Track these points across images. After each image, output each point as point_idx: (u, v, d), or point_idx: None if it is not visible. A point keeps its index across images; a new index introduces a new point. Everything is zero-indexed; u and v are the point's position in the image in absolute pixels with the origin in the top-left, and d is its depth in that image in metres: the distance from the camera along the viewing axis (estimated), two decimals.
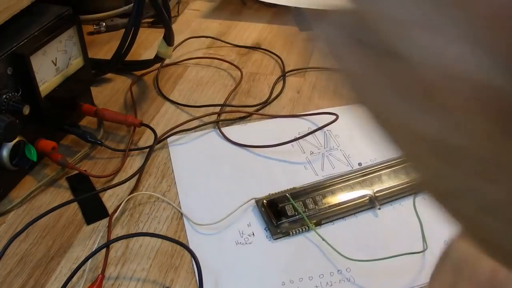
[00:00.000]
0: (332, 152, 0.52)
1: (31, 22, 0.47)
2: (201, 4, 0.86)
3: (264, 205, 0.44)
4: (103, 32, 0.75)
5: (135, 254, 0.41)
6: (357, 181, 0.46)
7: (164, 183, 0.48)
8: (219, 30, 0.77)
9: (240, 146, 0.52)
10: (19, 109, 0.43)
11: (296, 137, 0.52)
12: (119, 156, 0.51)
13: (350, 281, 0.39)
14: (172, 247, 0.42)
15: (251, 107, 0.59)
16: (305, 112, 0.57)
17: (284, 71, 0.66)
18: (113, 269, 0.40)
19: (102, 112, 0.53)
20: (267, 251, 0.41)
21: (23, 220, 0.44)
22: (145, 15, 0.78)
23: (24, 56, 0.44)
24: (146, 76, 0.65)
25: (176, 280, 0.39)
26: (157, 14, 0.56)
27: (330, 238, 0.42)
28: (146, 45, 0.72)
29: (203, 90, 0.62)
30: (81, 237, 0.43)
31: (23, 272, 0.40)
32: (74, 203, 0.46)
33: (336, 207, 0.44)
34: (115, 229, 0.43)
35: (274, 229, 0.42)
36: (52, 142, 0.48)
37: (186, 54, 0.70)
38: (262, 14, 0.82)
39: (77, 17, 0.50)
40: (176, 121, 0.56)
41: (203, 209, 0.44)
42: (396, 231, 0.43)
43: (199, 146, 0.53)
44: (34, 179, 0.49)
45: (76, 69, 0.51)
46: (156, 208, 0.46)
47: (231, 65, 0.67)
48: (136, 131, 0.54)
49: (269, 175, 0.49)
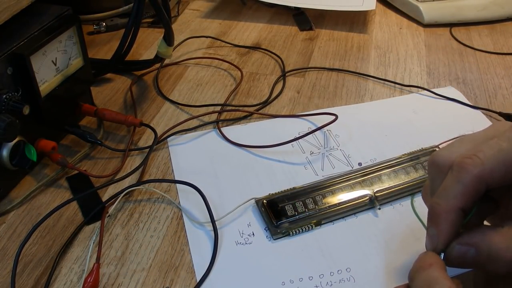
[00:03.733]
0: (332, 152, 0.52)
1: (31, 22, 0.47)
2: (201, 4, 0.86)
3: (264, 205, 0.44)
4: (103, 32, 0.75)
5: (135, 254, 0.41)
6: (357, 181, 0.46)
7: (164, 183, 0.48)
8: (219, 30, 0.77)
9: (240, 146, 0.52)
10: (19, 109, 0.43)
11: (296, 137, 0.52)
12: (119, 156, 0.51)
13: (350, 281, 0.39)
14: (172, 247, 0.42)
15: (251, 107, 0.59)
16: (305, 112, 0.57)
17: (284, 71, 0.66)
18: (113, 269, 0.40)
19: (102, 112, 0.53)
20: (267, 251, 0.41)
21: (23, 220, 0.44)
22: (145, 15, 0.78)
23: (24, 56, 0.44)
24: (146, 76, 0.65)
25: (176, 280, 0.39)
26: (157, 14, 0.56)
27: (330, 238, 0.42)
28: (146, 45, 0.72)
29: (203, 90, 0.62)
30: (81, 237, 0.43)
31: (23, 272, 0.40)
32: (74, 203, 0.46)
33: (336, 207, 0.44)
34: (115, 229, 0.43)
35: (274, 229, 0.42)
36: (52, 142, 0.48)
37: (186, 54, 0.70)
38: (262, 14, 0.82)
39: (77, 17, 0.50)
40: (176, 121, 0.56)
41: (203, 209, 0.44)
42: (396, 231, 0.43)
43: (199, 146, 0.53)
44: (34, 179, 0.49)
45: (76, 69, 0.51)
46: (156, 208, 0.46)
47: (231, 65, 0.67)
48: (136, 131, 0.54)
49: (269, 175, 0.49)
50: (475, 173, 0.29)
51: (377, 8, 0.84)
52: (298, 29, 0.78)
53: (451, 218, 0.30)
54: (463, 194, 0.30)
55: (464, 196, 0.30)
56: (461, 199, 0.30)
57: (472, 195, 0.30)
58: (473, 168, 0.29)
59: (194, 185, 0.46)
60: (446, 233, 0.30)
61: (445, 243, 0.31)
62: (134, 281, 0.39)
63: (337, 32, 0.77)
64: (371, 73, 0.66)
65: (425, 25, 0.78)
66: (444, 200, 0.30)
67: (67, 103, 0.52)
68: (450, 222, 0.30)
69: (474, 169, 0.29)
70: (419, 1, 0.79)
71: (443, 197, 0.30)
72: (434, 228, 0.31)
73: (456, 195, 0.30)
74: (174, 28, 0.60)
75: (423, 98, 0.61)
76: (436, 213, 0.31)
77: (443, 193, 0.31)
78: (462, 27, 0.78)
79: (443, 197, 0.30)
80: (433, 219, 0.31)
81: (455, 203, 0.30)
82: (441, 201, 0.30)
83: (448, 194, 0.30)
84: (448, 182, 0.30)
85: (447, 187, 0.30)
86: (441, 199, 0.31)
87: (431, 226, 0.31)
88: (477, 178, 0.29)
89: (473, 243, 0.30)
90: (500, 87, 0.63)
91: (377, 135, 0.54)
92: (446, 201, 0.30)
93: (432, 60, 0.69)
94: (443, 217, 0.30)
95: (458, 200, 0.30)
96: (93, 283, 0.38)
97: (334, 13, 0.81)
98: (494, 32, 0.77)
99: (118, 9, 0.77)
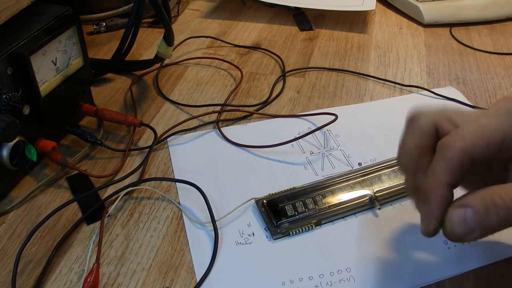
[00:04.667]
0: (332, 152, 0.52)
1: (31, 22, 0.47)
2: (201, 4, 0.86)
3: (264, 205, 0.44)
4: (103, 32, 0.75)
5: (135, 254, 0.41)
6: (357, 181, 0.46)
7: (164, 183, 0.48)
8: (219, 30, 0.77)
9: (240, 146, 0.52)
10: (19, 109, 0.43)
11: (296, 137, 0.52)
12: (119, 156, 0.52)
13: (350, 281, 0.39)
14: (172, 247, 0.42)
15: (251, 107, 0.59)
16: (305, 112, 0.58)
17: (284, 71, 0.66)
18: (113, 269, 0.40)
19: (102, 112, 0.53)
20: (267, 251, 0.41)
21: (23, 220, 0.44)
22: (145, 15, 0.78)
23: (24, 56, 0.44)
24: (146, 76, 0.65)
25: (176, 280, 0.39)
26: (157, 14, 0.56)
27: (330, 238, 0.42)
28: (146, 45, 0.73)
29: (203, 90, 0.62)
30: (81, 237, 0.43)
31: (23, 272, 0.40)
32: (74, 203, 0.46)
33: (336, 207, 0.44)
34: (115, 229, 0.43)
35: (274, 229, 0.42)
36: (52, 142, 0.48)
37: (186, 54, 0.70)
38: (262, 14, 0.82)
39: (77, 17, 0.50)
40: (176, 121, 0.56)
41: (203, 209, 0.44)
42: (396, 231, 0.43)
43: (199, 146, 0.53)
44: (34, 179, 0.49)
45: (76, 69, 0.51)
46: (156, 208, 0.46)
47: (231, 65, 0.67)
48: (136, 131, 0.54)
49: (269, 175, 0.49)
50: (458, 146, 0.31)
51: (377, 8, 0.84)
52: (298, 29, 0.78)
53: (440, 193, 0.31)
54: (449, 168, 0.31)
55: (450, 170, 0.31)
56: (448, 174, 0.31)
57: (458, 168, 0.31)
58: (455, 143, 0.31)
59: (194, 184, 0.46)
60: (438, 207, 0.31)
61: (438, 217, 0.31)
62: (134, 281, 0.39)
63: (337, 32, 0.77)
64: (371, 73, 0.66)
65: (425, 25, 0.78)
66: (432, 177, 0.32)
67: (67, 103, 0.52)
68: (441, 197, 0.31)
69: (456, 144, 0.31)
70: (419, 1, 0.79)
71: (431, 176, 0.32)
72: (427, 207, 0.32)
73: (443, 171, 0.31)
74: (174, 28, 0.60)
75: (423, 98, 0.61)
76: (427, 192, 0.32)
77: (431, 172, 0.32)
78: (462, 27, 0.78)
79: (431, 175, 0.32)
80: (425, 198, 0.32)
81: (443, 178, 0.31)
82: (430, 180, 0.32)
83: (435, 171, 0.32)
84: (435, 162, 0.32)
85: (434, 166, 0.32)
86: (429, 177, 0.32)
87: (423, 206, 0.32)
88: (460, 151, 0.31)
89: (467, 203, 0.30)
90: (500, 87, 0.63)
91: (377, 135, 0.54)
92: (434, 178, 0.32)
93: (432, 60, 0.69)
94: (433, 193, 0.31)
95: (446, 175, 0.31)
96: (93, 283, 0.38)
97: (334, 13, 0.81)
98: (494, 32, 0.77)
99: (118, 9, 0.77)
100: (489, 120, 0.32)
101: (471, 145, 0.31)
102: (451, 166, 0.31)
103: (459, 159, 0.31)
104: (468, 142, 0.31)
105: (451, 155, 0.31)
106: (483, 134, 0.31)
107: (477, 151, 0.31)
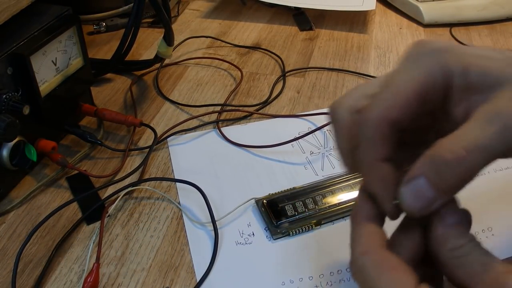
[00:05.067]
0: (332, 152, 0.52)
1: (31, 22, 0.47)
2: (201, 4, 0.86)
3: (264, 205, 0.44)
4: (103, 32, 0.75)
5: (135, 254, 0.41)
6: (357, 181, 0.46)
7: (164, 183, 0.48)
8: (219, 30, 0.77)
9: (240, 146, 0.52)
10: (19, 109, 0.43)
11: (296, 137, 0.52)
12: (119, 156, 0.52)
13: (350, 281, 0.39)
14: (172, 247, 0.42)
15: (251, 107, 0.59)
16: (305, 112, 0.58)
17: (284, 71, 0.66)
18: (113, 269, 0.40)
19: (102, 112, 0.53)
20: (267, 251, 0.41)
21: (23, 220, 0.44)
22: (145, 15, 0.78)
23: (24, 56, 0.44)
24: (146, 76, 0.65)
25: (176, 280, 0.39)
26: (157, 14, 0.56)
27: (330, 238, 0.42)
28: (146, 45, 0.73)
29: (203, 90, 0.62)
30: (81, 237, 0.43)
31: (23, 272, 0.40)
32: (74, 203, 0.46)
33: (336, 207, 0.44)
34: (115, 229, 0.43)
35: (274, 229, 0.42)
36: (52, 142, 0.48)
37: (186, 54, 0.70)
38: (262, 14, 0.82)
39: (77, 17, 0.50)
40: (176, 121, 0.56)
41: (203, 209, 0.44)
42: None
43: (199, 146, 0.53)
44: (34, 179, 0.49)
45: (76, 69, 0.51)
46: (156, 208, 0.46)
47: (231, 65, 0.67)
48: (136, 131, 0.54)
49: (269, 175, 0.49)
50: (371, 118, 0.28)
51: (377, 8, 0.84)
52: (298, 29, 0.78)
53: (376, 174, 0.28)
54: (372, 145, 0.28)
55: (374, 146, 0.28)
56: (373, 150, 0.28)
57: (382, 141, 0.28)
58: (366, 116, 0.28)
59: (194, 184, 0.46)
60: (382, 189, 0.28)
61: (388, 198, 0.28)
62: (134, 281, 0.39)
63: (337, 32, 0.77)
64: (371, 73, 0.66)
65: (425, 25, 0.78)
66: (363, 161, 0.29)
67: (67, 103, 0.52)
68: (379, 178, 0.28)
69: (368, 116, 0.28)
70: (419, 1, 0.79)
71: (361, 160, 0.29)
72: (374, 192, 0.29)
73: (367, 150, 0.28)
74: (174, 28, 0.60)
75: None
76: (365, 179, 0.29)
77: (360, 156, 0.29)
78: (462, 27, 0.78)
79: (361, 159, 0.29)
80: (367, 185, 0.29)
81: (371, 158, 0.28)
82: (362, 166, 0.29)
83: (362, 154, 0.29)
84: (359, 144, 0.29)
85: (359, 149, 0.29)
86: (361, 163, 0.29)
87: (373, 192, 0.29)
88: (376, 121, 0.28)
89: (414, 174, 0.26)
90: None
91: None
92: (365, 161, 0.28)
93: None
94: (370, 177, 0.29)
95: (372, 154, 0.28)
96: (93, 283, 0.38)
97: (334, 13, 0.81)
98: (494, 32, 0.77)
99: (118, 9, 0.77)
100: (398, 75, 0.28)
101: (386, 111, 0.27)
102: (373, 142, 0.28)
103: (377, 130, 0.27)
104: (381, 110, 0.27)
105: (368, 131, 0.28)
106: (395, 94, 0.27)
107: (396, 114, 0.27)
